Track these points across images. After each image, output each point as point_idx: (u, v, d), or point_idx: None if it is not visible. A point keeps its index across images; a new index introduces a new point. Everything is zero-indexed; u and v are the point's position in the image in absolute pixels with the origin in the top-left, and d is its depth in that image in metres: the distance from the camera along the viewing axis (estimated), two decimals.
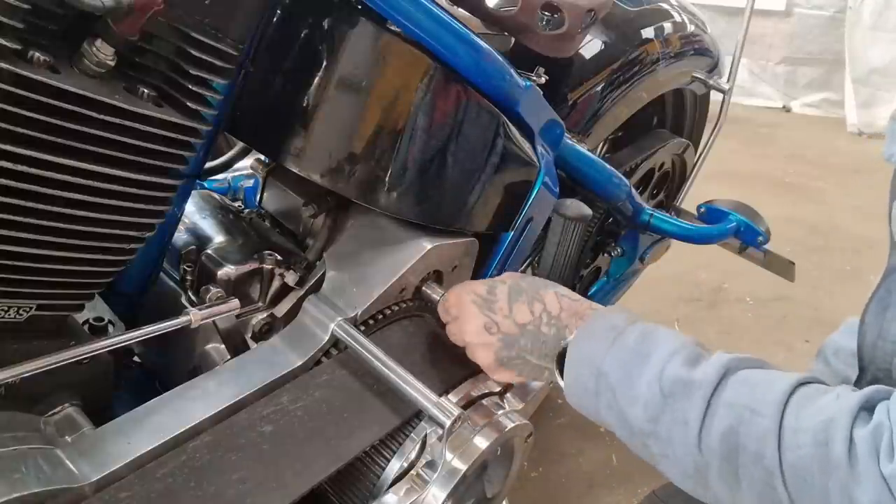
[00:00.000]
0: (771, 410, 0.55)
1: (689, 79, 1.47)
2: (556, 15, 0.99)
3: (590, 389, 0.66)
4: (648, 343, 0.64)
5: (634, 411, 0.62)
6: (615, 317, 0.68)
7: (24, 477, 0.55)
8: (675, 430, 0.60)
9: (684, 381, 0.60)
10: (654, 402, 0.61)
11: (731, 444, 0.56)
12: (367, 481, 0.73)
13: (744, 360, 0.61)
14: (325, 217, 0.87)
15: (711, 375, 0.59)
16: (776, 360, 0.61)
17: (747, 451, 0.56)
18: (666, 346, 0.63)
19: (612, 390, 0.64)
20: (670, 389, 0.60)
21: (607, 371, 0.64)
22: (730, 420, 0.57)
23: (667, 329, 0.67)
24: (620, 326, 0.66)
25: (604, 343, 0.65)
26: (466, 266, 0.91)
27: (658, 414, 0.61)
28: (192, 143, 0.64)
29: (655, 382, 0.61)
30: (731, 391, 0.58)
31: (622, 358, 0.64)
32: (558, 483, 1.58)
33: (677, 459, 0.61)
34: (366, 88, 0.75)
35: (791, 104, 4.87)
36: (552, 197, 0.98)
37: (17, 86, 0.49)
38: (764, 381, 0.58)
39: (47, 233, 0.56)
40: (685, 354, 0.62)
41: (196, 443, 0.63)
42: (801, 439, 0.53)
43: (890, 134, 0.75)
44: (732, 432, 0.56)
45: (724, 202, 1.56)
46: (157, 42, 0.58)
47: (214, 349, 0.80)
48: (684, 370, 0.60)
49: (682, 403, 0.59)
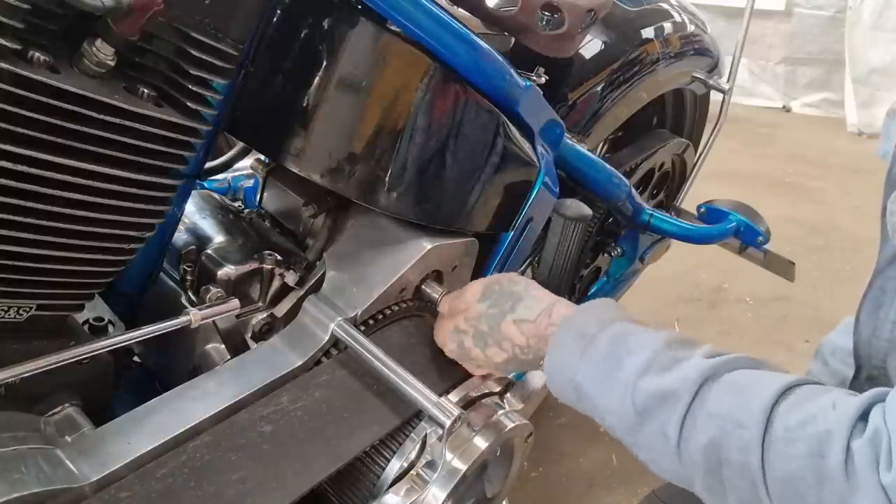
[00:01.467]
0: (756, 420, 0.53)
1: (689, 79, 1.47)
2: (556, 15, 0.99)
3: (571, 398, 0.67)
4: (620, 351, 0.63)
5: (613, 422, 0.62)
6: (584, 321, 0.67)
7: (24, 477, 0.54)
8: (655, 442, 0.59)
9: (658, 395, 0.58)
10: (629, 416, 0.60)
11: (713, 456, 0.55)
12: (367, 481, 0.73)
13: (728, 362, 0.59)
14: (325, 217, 0.87)
15: (689, 384, 0.57)
16: (776, 360, 0.60)
17: (730, 463, 0.54)
18: (637, 358, 0.61)
19: (589, 400, 0.64)
20: (643, 406, 0.59)
21: (581, 382, 0.64)
22: (712, 431, 0.55)
23: (639, 330, 0.65)
24: (591, 333, 0.65)
25: (575, 354, 0.65)
26: (466, 266, 0.91)
27: (635, 428, 0.60)
28: (192, 143, 0.64)
29: (628, 398, 0.60)
30: (712, 401, 0.56)
31: (593, 369, 0.63)
32: (558, 483, 1.58)
33: (662, 468, 0.60)
34: (366, 88, 0.75)
35: (791, 104, 4.87)
36: (552, 197, 0.98)
37: (17, 86, 0.49)
38: (749, 387, 0.56)
39: (47, 233, 0.56)
40: (658, 364, 0.60)
41: (196, 443, 0.63)
42: (793, 450, 0.51)
43: (884, 131, 0.75)
44: (715, 445, 0.55)
45: (724, 202, 1.56)
46: (157, 42, 0.58)
47: (214, 349, 0.80)
48: (657, 381, 0.59)
49: (658, 417, 0.58)
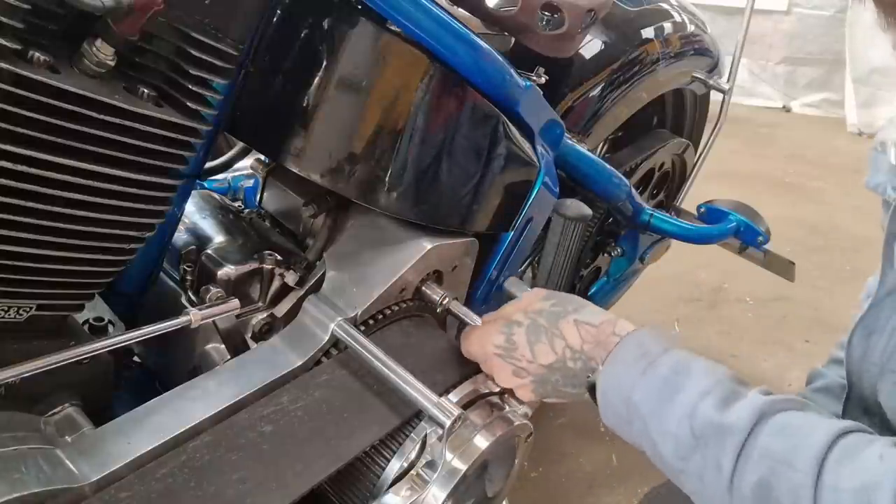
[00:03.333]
0: (808, 465, 0.53)
1: (689, 79, 1.47)
2: (556, 15, 0.99)
3: (622, 416, 0.65)
4: (682, 376, 0.62)
5: (665, 446, 0.61)
6: (648, 341, 0.66)
7: (24, 477, 0.54)
8: (706, 472, 0.58)
9: (716, 425, 0.58)
10: (685, 441, 0.59)
11: (763, 496, 0.55)
12: (367, 481, 0.72)
13: (780, 402, 0.59)
14: (325, 217, 0.86)
15: (745, 420, 0.57)
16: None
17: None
18: (699, 383, 0.61)
19: (643, 420, 0.63)
20: (701, 432, 0.58)
21: (638, 402, 0.63)
22: (763, 471, 0.55)
23: (702, 361, 0.64)
24: (653, 354, 0.64)
25: (635, 371, 0.64)
26: (466, 266, 0.91)
27: (689, 454, 0.59)
28: (192, 143, 0.64)
29: (686, 421, 0.59)
30: (766, 438, 0.56)
31: (653, 390, 0.62)
32: (558, 483, 1.58)
33: (708, 499, 0.59)
34: (366, 88, 0.75)
35: (791, 104, 4.87)
36: (552, 197, 0.98)
37: (17, 86, 0.49)
38: (801, 430, 0.56)
39: (47, 233, 0.56)
40: (719, 393, 0.60)
41: (196, 443, 0.63)
42: (840, 499, 0.51)
43: (872, 164, 0.74)
44: (765, 485, 0.54)
45: (724, 202, 1.56)
46: (157, 42, 0.58)
47: (214, 349, 0.80)
48: (717, 412, 0.58)
49: (713, 448, 0.58)
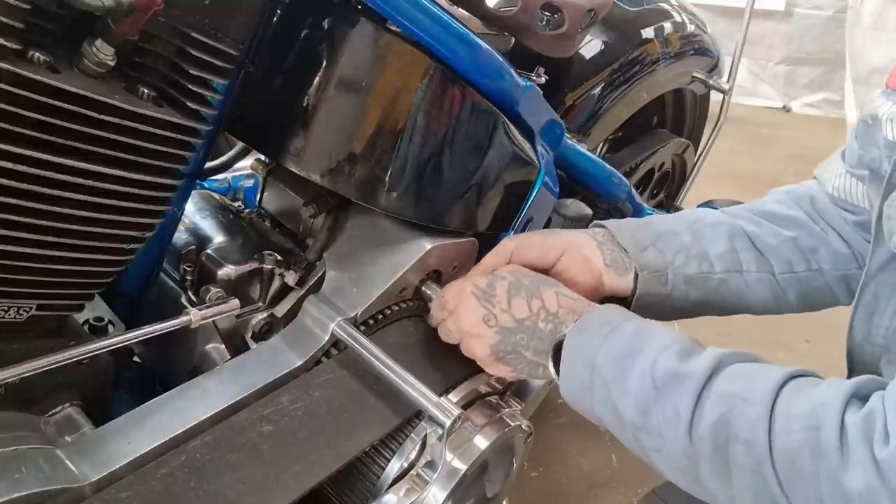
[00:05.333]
0: (763, 398, 0.55)
1: (689, 79, 1.47)
2: (556, 15, 0.99)
3: (584, 383, 0.66)
4: (643, 337, 0.65)
5: (626, 403, 0.62)
6: (611, 313, 0.69)
7: (24, 477, 0.54)
8: (665, 421, 0.60)
9: (676, 373, 0.60)
10: (646, 394, 0.61)
11: (721, 433, 0.56)
12: (367, 481, 0.73)
13: (737, 355, 0.61)
14: (325, 217, 0.86)
15: (704, 367, 0.59)
16: (776, 360, 0.61)
17: (738, 439, 0.56)
18: (659, 341, 0.64)
19: (605, 383, 0.64)
20: (662, 381, 0.61)
21: (600, 364, 0.64)
22: (721, 409, 0.57)
23: (662, 326, 0.67)
24: (616, 321, 0.67)
25: (598, 336, 0.66)
26: (467, 266, 0.91)
27: (649, 406, 0.61)
28: (192, 143, 0.64)
29: (648, 374, 0.61)
30: (723, 381, 0.58)
31: (616, 351, 0.64)
32: (558, 483, 1.58)
33: (668, 453, 0.61)
34: (366, 88, 0.75)
35: (791, 104, 4.86)
36: (552, 197, 0.98)
37: (17, 86, 0.49)
38: (757, 372, 0.59)
39: (47, 233, 0.56)
40: (678, 348, 0.62)
41: (196, 443, 0.63)
42: (792, 424, 0.53)
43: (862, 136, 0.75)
44: (723, 421, 0.56)
45: (724, 202, 1.56)
46: (157, 42, 0.58)
47: (214, 349, 0.80)
48: (676, 362, 0.61)
49: (673, 395, 0.60)
